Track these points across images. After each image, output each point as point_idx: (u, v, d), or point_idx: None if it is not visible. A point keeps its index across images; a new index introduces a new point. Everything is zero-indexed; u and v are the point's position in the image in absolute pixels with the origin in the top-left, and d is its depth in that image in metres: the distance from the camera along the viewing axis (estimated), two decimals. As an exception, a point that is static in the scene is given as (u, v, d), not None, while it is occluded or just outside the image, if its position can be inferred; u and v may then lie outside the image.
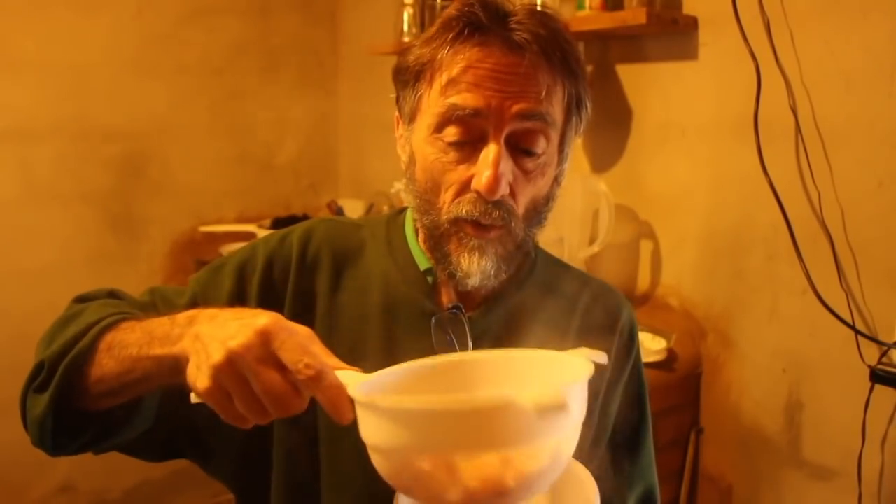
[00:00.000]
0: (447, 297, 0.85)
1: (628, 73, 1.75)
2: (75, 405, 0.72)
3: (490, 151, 0.73)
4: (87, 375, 0.71)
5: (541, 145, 0.76)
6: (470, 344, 0.81)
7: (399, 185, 2.19)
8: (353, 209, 2.50)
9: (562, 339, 0.86)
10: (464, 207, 0.75)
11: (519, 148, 0.76)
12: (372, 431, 0.49)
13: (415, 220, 0.87)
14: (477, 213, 0.75)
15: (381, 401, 0.47)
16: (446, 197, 0.77)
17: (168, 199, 2.43)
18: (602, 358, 0.59)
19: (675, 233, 1.70)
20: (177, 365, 0.61)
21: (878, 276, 1.35)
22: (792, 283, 1.45)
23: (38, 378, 0.74)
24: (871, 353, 1.35)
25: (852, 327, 1.36)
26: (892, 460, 1.35)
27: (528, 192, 0.78)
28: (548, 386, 0.43)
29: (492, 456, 0.44)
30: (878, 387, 1.31)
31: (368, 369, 0.81)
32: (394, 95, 0.84)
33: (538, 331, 0.85)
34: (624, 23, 1.55)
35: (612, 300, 0.93)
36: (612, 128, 1.79)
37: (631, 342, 0.93)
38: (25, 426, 0.77)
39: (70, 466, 2.33)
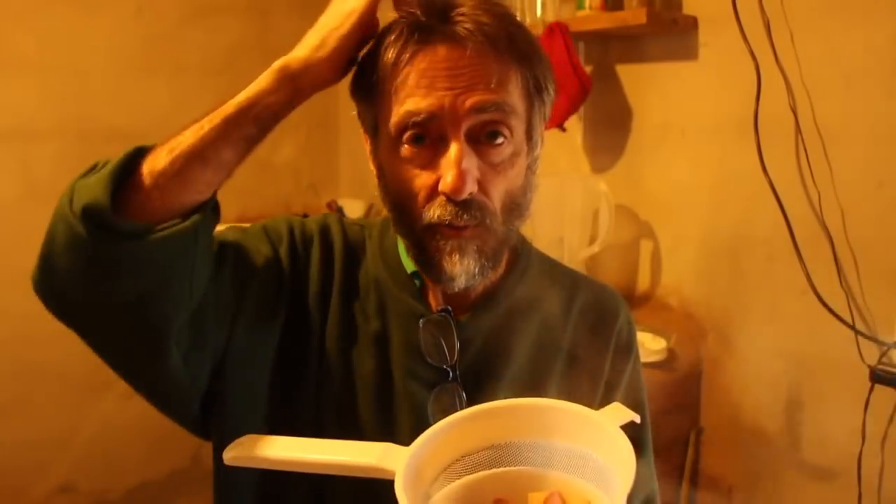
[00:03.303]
0: (436, 300, 0.85)
1: (628, 73, 1.75)
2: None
3: (451, 151, 0.72)
4: (145, 169, 0.69)
5: (504, 132, 0.74)
6: (457, 346, 0.81)
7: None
8: (353, 209, 2.50)
9: (557, 342, 0.86)
10: (435, 212, 0.74)
11: (481, 141, 0.74)
12: None
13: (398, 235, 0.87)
14: (448, 217, 0.73)
15: None
16: (416, 204, 0.76)
17: (168, 199, 2.42)
18: (636, 418, 0.59)
19: (675, 233, 1.70)
20: (277, 84, 0.74)
21: (878, 276, 1.35)
22: (792, 283, 1.45)
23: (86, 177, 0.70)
24: (871, 353, 1.35)
25: (852, 327, 1.36)
26: (892, 460, 1.35)
27: (501, 186, 0.76)
28: None
29: None
30: (878, 387, 1.31)
31: (365, 369, 0.82)
32: (355, 114, 0.84)
33: (531, 334, 0.85)
34: (624, 23, 1.55)
35: (608, 301, 0.92)
36: (612, 128, 1.79)
37: (629, 344, 0.92)
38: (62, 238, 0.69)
39: (70, 466, 2.33)
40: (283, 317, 0.82)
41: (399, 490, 0.51)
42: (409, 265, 0.86)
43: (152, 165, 0.69)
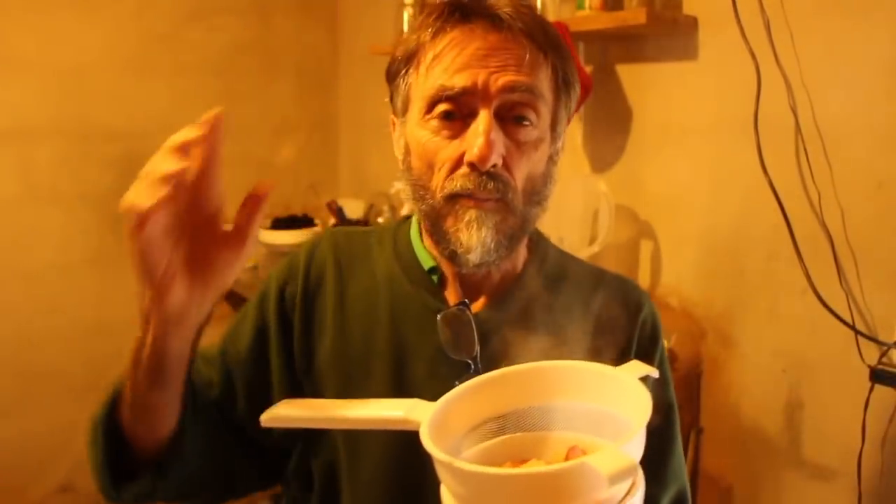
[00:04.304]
0: (453, 295, 0.85)
1: (628, 73, 1.75)
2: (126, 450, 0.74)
3: (480, 122, 0.74)
4: (122, 416, 0.72)
5: (531, 116, 0.77)
6: (476, 341, 0.81)
7: (399, 185, 2.18)
8: (353, 209, 2.50)
9: (579, 335, 0.85)
10: (458, 182, 0.75)
11: (508, 122, 0.76)
12: (449, 481, 0.52)
13: (418, 222, 0.89)
14: (471, 187, 0.74)
15: (462, 465, 0.50)
16: (440, 176, 0.77)
17: (168, 199, 2.42)
18: (654, 373, 0.60)
19: (675, 233, 1.70)
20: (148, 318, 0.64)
21: (878, 276, 1.35)
22: (792, 283, 1.45)
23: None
24: (871, 353, 1.35)
25: (852, 327, 1.36)
26: (892, 460, 1.35)
27: (524, 166, 0.77)
28: (616, 452, 0.46)
29: None
30: (878, 387, 1.31)
31: (379, 372, 0.83)
32: (388, 99, 0.86)
33: (551, 326, 0.84)
34: (624, 23, 1.55)
35: (631, 294, 0.91)
36: (612, 128, 1.79)
37: (654, 336, 0.90)
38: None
39: (70, 466, 2.33)
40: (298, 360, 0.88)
41: (424, 436, 0.53)
42: (427, 261, 0.86)
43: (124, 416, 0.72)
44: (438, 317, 0.81)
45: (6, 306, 2.18)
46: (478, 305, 0.85)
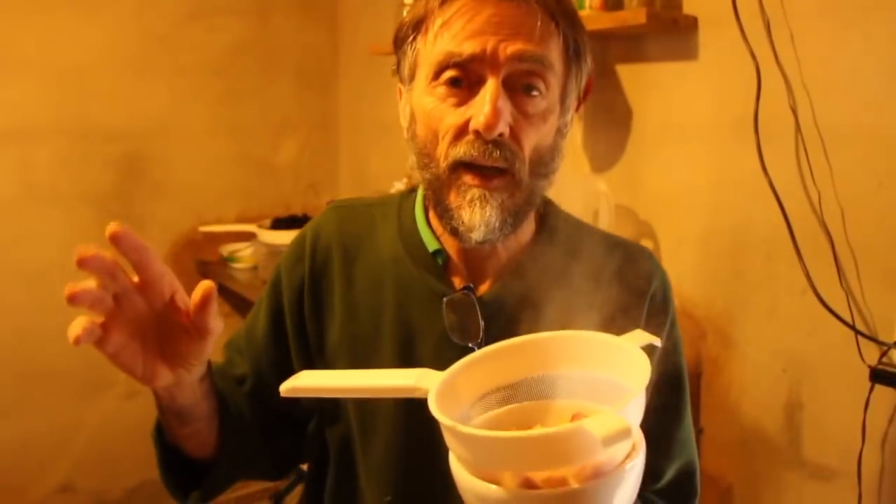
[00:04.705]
0: (459, 278, 0.84)
1: (628, 73, 1.75)
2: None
3: (487, 89, 0.72)
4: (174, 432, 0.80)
5: (540, 86, 0.75)
6: (481, 325, 0.80)
7: (399, 185, 2.19)
8: (353, 209, 2.49)
9: (585, 313, 0.84)
10: (462, 149, 0.74)
11: (517, 91, 0.75)
12: (455, 447, 0.54)
13: (423, 197, 0.88)
14: (475, 153, 0.73)
15: (464, 429, 0.52)
16: (444, 143, 0.75)
17: (168, 199, 2.43)
18: (657, 342, 0.61)
19: (675, 233, 1.70)
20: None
21: (878, 276, 1.35)
22: (792, 283, 1.45)
23: None
24: (871, 353, 1.35)
25: (852, 327, 1.36)
26: (892, 460, 1.35)
27: (532, 137, 0.75)
28: (611, 416, 0.47)
29: (563, 470, 0.50)
30: (878, 387, 1.31)
31: (386, 354, 0.84)
32: (394, 67, 0.84)
33: (561, 301, 0.81)
34: (624, 23, 1.55)
35: (642, 264, 0.88)
36: (612, 128, 1.79)
37: (664, 306, 0.88)
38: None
39: (70, 466, 2.33)
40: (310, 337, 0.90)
41: (431, 403, 0.55)
42: (432, 243, 0.85)
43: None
44: (444, 301, 0.81)
45: (6, 306, 2.18)
46: (483, 287, 0.84)
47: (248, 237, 2.40)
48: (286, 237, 2.30)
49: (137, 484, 2.42)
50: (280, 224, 2.37)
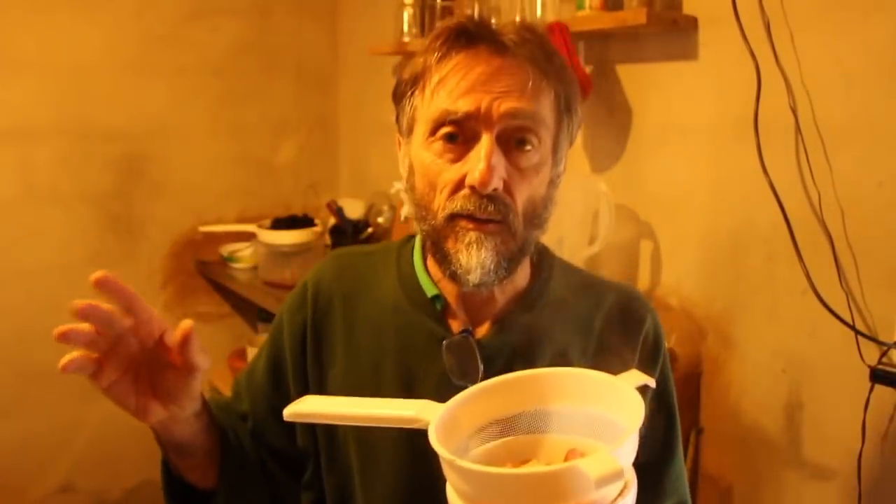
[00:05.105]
0: (457, 322, 0.86)
1: (628, 73, 1.75)
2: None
3: (482, 146, 0.75)
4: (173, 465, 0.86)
5: (532, 141, 0.78)
6: (480, 367, 0.82)
7: (399, 185, 2.19)
8: (353, 209, 2.50)
9: (580, 356, 0.86)
10: (458, 203, 0.77)
11: (510, 146, 0.77)
12: (453, 479, 0.56)
13: (421, 244, 0.90)
14: (472, 207, 0.76)
15: (462, 463, 0.54)
16: (442, 197, 0.78)
17: (168, 199, 2.43)
18: (651, 382, 0.63)
19: (675, 233, 1.70)
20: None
21: (878, 276, 1.35)
22: (792, 283, 1.45)
23: None
24: (871, 353, 1.35)
25: (852, 327, 1.36)
26: (892, 460, 1.35)
27: (525, 190, 0.78)
28: (605, 456, 0.49)
29: None
30: (878, 387, 1.31)
31: (388, 396, 0.86)
32: (394, 116, 0.87)
33: (556, 345, 0.85)
34: (624, 23, 1.55)
35: (634, 306, 0.92)
36: (612, 128, 1.79)
37: (656, 349, 0.91)
38: None
39: (70, 466, 2.33)
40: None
41: (431, 435, 0.57)
42: (430, 288, 0.87)
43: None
44: (444, 345, 0.83)
45: (6, 306, 2.18)
46: (482, 331, 0.86)
47: (248, 237, 2.40)
48: (286, 237, 2.30)
49: (137, 484, 2.43)
50: (280, 224, 2.37)
